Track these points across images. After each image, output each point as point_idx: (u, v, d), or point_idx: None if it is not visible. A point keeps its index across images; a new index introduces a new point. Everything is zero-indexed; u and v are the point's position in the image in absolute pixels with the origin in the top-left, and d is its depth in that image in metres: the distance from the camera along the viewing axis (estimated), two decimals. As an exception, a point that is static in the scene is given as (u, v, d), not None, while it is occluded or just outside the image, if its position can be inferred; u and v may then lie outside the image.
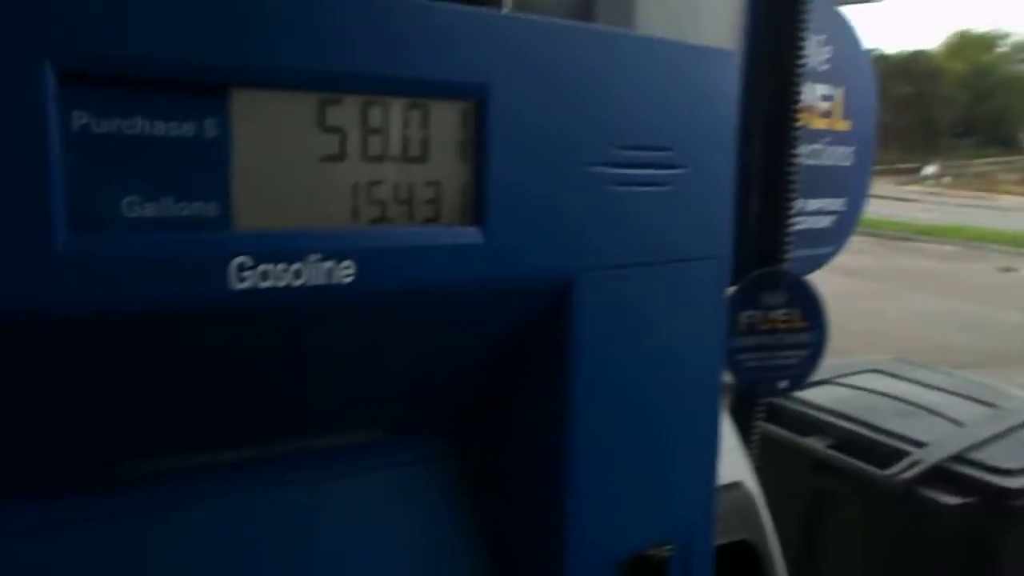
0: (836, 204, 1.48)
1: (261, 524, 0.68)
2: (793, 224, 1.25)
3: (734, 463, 1.09)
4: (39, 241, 0.49)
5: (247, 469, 0.67)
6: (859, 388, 2.10)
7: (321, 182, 0.58)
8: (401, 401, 0.71)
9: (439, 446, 0.76)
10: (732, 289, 1.27)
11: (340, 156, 0.59)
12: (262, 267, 0.55)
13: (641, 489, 0.79)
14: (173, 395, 0.59)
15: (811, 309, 1.23)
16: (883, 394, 2.02)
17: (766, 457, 1.42)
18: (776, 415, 1.94)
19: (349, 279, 0.58)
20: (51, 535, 0.60)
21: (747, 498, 1.06)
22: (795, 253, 1.25)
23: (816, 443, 1.89)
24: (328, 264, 0.57)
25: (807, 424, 1.99)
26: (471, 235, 0.63)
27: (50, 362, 0.53)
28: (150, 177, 0.53)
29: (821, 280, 1.36)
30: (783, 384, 1.26)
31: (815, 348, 1.24)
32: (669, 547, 0.83)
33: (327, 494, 0.71)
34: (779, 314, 1.22)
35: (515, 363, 0.73)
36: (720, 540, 0.95)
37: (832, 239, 1.48)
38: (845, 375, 2.22)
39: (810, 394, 2.08)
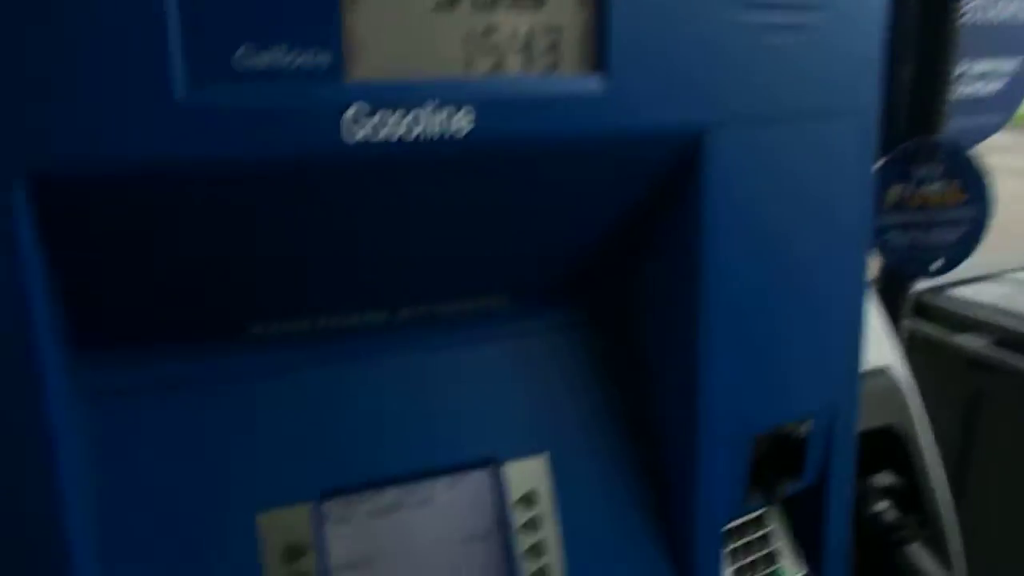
0: (1007, 66, 1.30)
1: (384, 389, 0.69)
2: (952, 89, 1.12)
3: (880, 348, 1.02)
4: (160, 93, 0.49)
5: (373, 334, 0.68)
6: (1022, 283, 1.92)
7: (435, 31, 0.56)
8: (525, 266, 0.69)
9: (566, 315, 0.74)
10: (880, 161, 1.17)
11: (453, 4, 0.56)
12: (376, 118, 0.54)
13: (778, 361, 0.74)
14: (296, 255, 0.60)
15: (972, 181, 1.11)
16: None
17: (916, 355, 1.33)
18: (927, 311, 1.81)
19: (466, 130, 0.56)
20: (187, 390, 0.64)
21: (893, 384, 0.99)
22: (956, 123, 1.12)
23: (974, 340, 1.76)
24: (444, 114, 0.55)
25: (963, 321, 1.85)
26: (592, 84, 0.59)
27: (176, 217, 0.54)
28: (264, 28, 0.52)
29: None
30: (936, 265, 1.16)
31: (975, 225, 1.12)
32: (808, 424, 0.79)
33: (453, 361, 0.71)
34: (933, 188, 1.11)
35: (643, 225, 0.70)
36: (864, 426, 0.90)
37: (1000, 107, 1.32)
38: (1006, 271, 2.04)
39: (967, 290, 1.93)
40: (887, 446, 0.98)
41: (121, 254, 0.55)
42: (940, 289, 1.83)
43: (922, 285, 1.51)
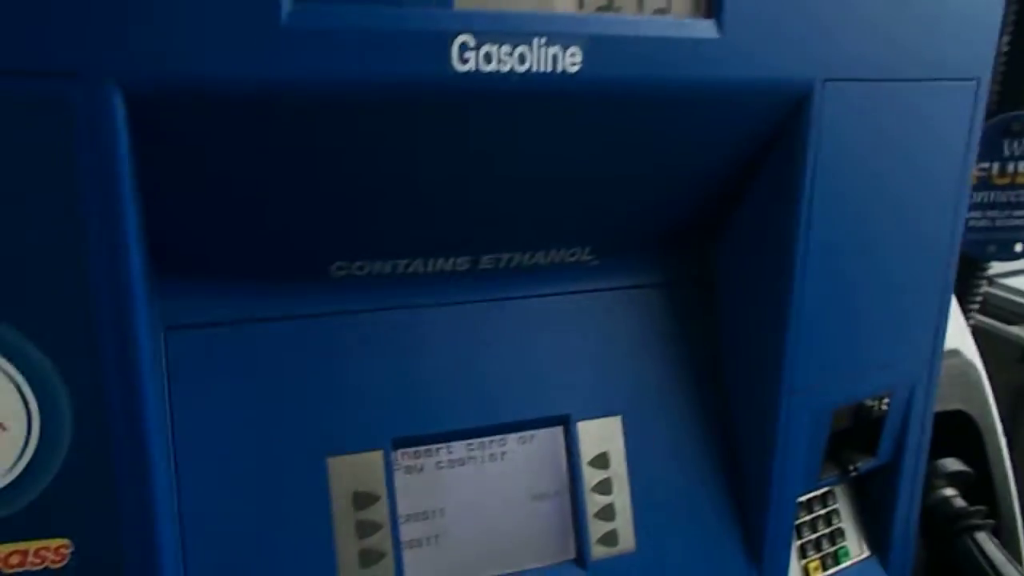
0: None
1: (461, 339, 0.67)
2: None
3: (953, 329, 0.98)
4: (266, 12, 0.47)
5: (453, 282, 0.66)
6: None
7: (546, -35, 0.53)
8: (613, 219, 0.67)
9: (648, 275, 0.72)
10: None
11: (566, -62, 0.53)
12: (485, 48, 0.51)
13: (864, 331, 0.72)
14: (386, 192, 0.58)
15: (1060, 161, 1.06)
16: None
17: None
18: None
19: (575, 67, 0.53)
20: (264, 329, 0.62)
21: (966, 366, 0.96)
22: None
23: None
24: (554, 49, 0.52)
25: (1015, 312, 1.81)
26: (704, 29, 0.56)
27: (270, 144, 0.52)
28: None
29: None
30: (1020, 247, 1.11)
31: (1062, 207, 1.08)
32: (887, 400, 0.76)
33: (531, 314, 0.69)
34: (1021, 167, 1.07)
35: (739, 181, 0.67)
36: (935, 408, 0.87)
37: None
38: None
39: (1019, 281, 1.88)
40: (953, 431, 0.95)
41: (211, 181, 0.53)
42: (991, 279, 1.78)
43: (995, 270, 1.47)
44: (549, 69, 0.52)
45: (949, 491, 0.93)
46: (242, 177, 0.54)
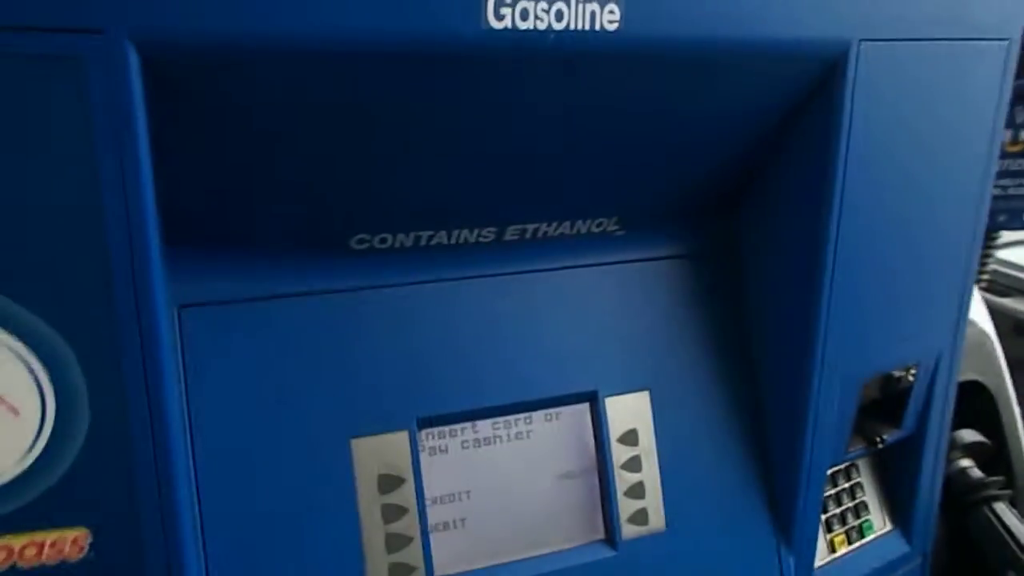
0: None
1: (484, 313, 0.64)
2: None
3: (967, 299, 0.97)
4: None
5: (477, 255, 0.63)
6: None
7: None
8: (642, 188, 0.64)
9: (675, 246, 0.70)
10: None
11: None
12: (521, 4, 0.48)
13: (893, 301, 0.70)
14: (409, 156, 0.55)
15: (1075, 129, 1.05)
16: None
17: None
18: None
19: (614, 25, 0.51)
20: (282, 306, 0.59)
21: (981, 336, 0.96)
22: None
23: (1019, 304, 1.72)
24: (592, 6, 0.50)
25: (1006, 285, 1.82)
26: (744, -14, 0.54)
27: (290, 104, 0.49)
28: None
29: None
30: (1031, 217, 1.11)
31: (1075, 176, 1.07)
32: (914, 371, 0.75)
33: (557, 287, 0.66)
34: (1035, 134, 1.06)
35: (771, 148, 0.65)
36: (954, 378, 0.86)
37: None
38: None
39: (1008, 254, 1.89)
40: (969, 401, 0.95)
41: (228, 146, 0.50)
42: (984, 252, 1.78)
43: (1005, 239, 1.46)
44: (587, 27, 0.50)
45: (966, 462, 0.92)
46: (260, 141, 0.51)
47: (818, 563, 0.74)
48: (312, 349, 0.59)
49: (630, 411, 0.67)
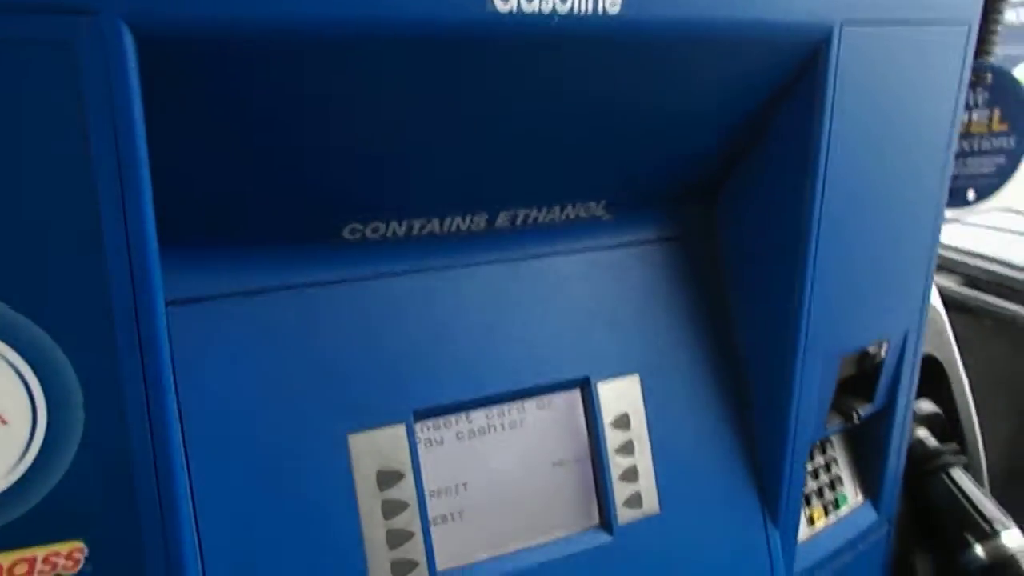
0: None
1: (476, 302, 0.63)
2: (1002, 14, 1.10)
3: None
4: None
5: (468, 242, 0.62)
6: (991, 228, 1.97)
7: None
8: (629, 171, 0.65)
9: (660, 229, 0.70)
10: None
11: None
12: (526, -13, 0.47)
13: (869, 278, 0.72)
14: (402, 142, 0.53)
15: (1013, 109, 1.10)
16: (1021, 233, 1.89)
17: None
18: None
19: (615, 8, 0.50)
20: (274, 299, 0.57)
21: (933, 313, 0.99)
22: (1003, 51, 1.11)
23: (946, 281, 1.79)
24: (594, -12, 0.49)
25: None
26: (736, -31, 0.54)
27: (284, 89, 0.47)
28: None
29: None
30: (971, 196, 1.16)
31: (1013, 155, 1.12)
32: (885, 347, 0.77)
33: (546, 273, 0.66)
34: (976, 116, 1.10)
35: (757, 129, 0.66)
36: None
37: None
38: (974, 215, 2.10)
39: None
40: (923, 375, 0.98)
41: (220, 132, 0.48)
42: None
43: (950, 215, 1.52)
44: (590, 11, 0.50)
45: (923, 432, 0.96)
46: (253, 127, 0.49)
47: (800, 538, 0.76)
48: (305, 344, 0.57)
49: (621, 396, 0.67)
